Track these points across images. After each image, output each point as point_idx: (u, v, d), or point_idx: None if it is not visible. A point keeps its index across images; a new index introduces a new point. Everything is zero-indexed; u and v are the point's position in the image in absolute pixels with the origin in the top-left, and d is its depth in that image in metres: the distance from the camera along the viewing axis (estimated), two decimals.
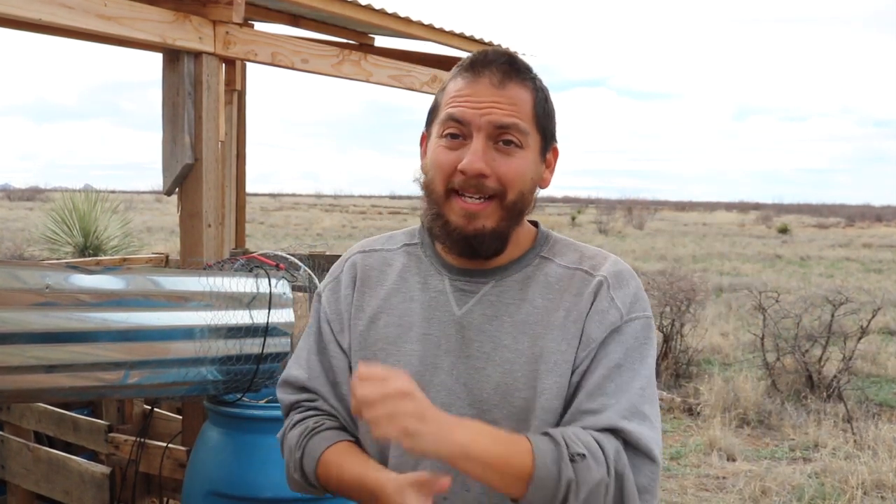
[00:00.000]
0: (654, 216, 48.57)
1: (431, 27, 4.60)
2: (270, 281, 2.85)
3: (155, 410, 3.59)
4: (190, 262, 3.20)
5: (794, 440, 6.35)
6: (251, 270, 2.88)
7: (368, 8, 4.17)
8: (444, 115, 1.42)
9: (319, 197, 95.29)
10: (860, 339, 7.71)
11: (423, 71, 4.50)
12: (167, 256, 5.96)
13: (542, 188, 1.48)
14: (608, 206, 51.22)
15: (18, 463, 3.44)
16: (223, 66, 4.24)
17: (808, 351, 7.60)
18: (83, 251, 9.95)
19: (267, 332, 2.81)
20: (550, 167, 1.50)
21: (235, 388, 2.82)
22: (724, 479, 5.54)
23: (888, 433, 6.30)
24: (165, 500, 3.45)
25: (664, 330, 8.20)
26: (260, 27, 4.87)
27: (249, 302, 2.79)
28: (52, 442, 3.81)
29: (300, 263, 3.09)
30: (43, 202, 35.52)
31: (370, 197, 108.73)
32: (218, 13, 3.21)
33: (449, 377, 1.41)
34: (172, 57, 3.19)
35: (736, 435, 6.40)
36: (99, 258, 7.44)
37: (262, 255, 3.04)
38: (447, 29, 4.71)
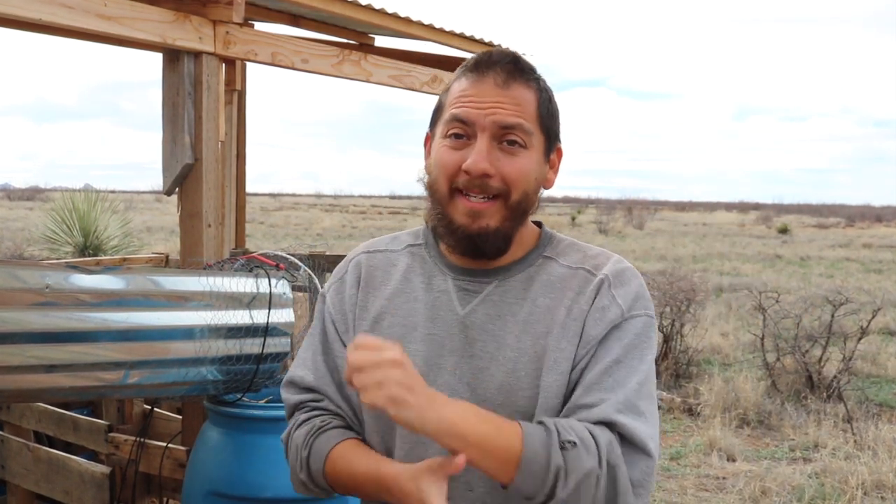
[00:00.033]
0: (654, 216, 48.58)
1: (431, 27, 4.60)
2: (270, 281, 2.85)
3: (155, 410, 3.59)
4: (190, 262, 3.20)
5: (794, 440, 6.35)
6: (251, 270, 2.88)
7: (368, 8, 4.17)
8: (448, 115, 1.42)
9: (319, 197, 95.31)
10: (860, 339, 7.71)
11: (423, 71, 4.50)
12: (167, 256, 5.96)
13: (545, 189, 1.48)
14: (608, 206, 51.25)
15: (18, 463, 3.44)
16: (223, 66, 4.24)
17: (808, 351, 7.61)
18: (83, 251, 9.95)
19: (267, 332, 2.80)
20: (554, 168, 1.50)
21: (235, 388, 2.82)
22: (724, 479, 5.54)
23: (888, 433, 6.31)
24: (165, 500, 3.45)
25: (664, 330, 8.20)
26: (260, 27, 4.87)
27: (249, 302, 2.79)
28: (52, 442, 3.81)
29: (300, 263, 3.09)
30: (43, 202, 35.52)
31: (370, 197, 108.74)
32: (218, 13, 3.21)
33: (452, 377, 1.41)
34: (172, 57, 3.19)
35: (736, 435, 6.40)
36: (99, 258, 7.44)
37: (262, 255, 3.04)
38: (447, 29, 4.71)
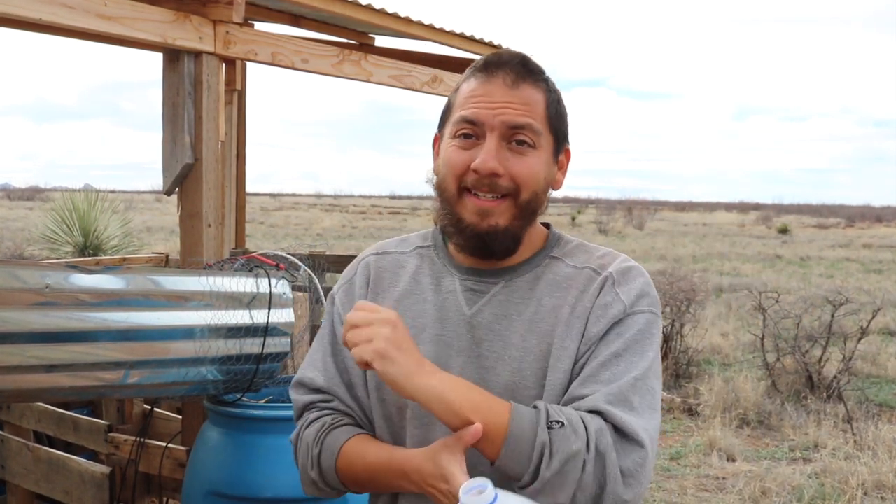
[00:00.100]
0: (654, 216, 48.57)
1: (431, 27, 4.60)
2: (270, 281, 2.85)
3: (155, 410, 3.59)
4: (190, 262, 3.20)
5: (794, 441, 6.36)
6: (251, 270, 2.87)
7: (368, 8, 4.17)
8: (457, 116, 1.42)
9: (319, 197, 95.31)
10: (860, 339, 7.71)
11: (423, 71, 4.50)
12: (167, 256, 5.97)
13: (554, 189, 1.48)
14: (608, 206, 51.26)
15: (18, 463, 3.44)
16: (223, 65, 4.24)
17: (808, 351, 7.61)
18: (83, 251, 9.95)
19: (267, 332, 2.80)
20: (563, 168, 1.50)
21: (235, 388, 2.81)
22: (724, 479, 5.54)
23: (888, 434, 6.31)
24: (165, 500, 3.45)
25: (664, 330, 8.20)
26: (260, 27, 4.87)
27: (249, 302, 2.79)
28: (52, 442, 3.81)
29: (300, 263, 3.09)
30: (43, 202, 35.53)
31: (370, 197, 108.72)
32: (218, 13, 3.21)
33: (460, 377, 1.41)
34: (172, 57, 3.19)
35: (736, 435, 6.41)
36: (99, 258, 7.44)
37: (262, 255, 3.04)
38: (447, 29, 4.71)
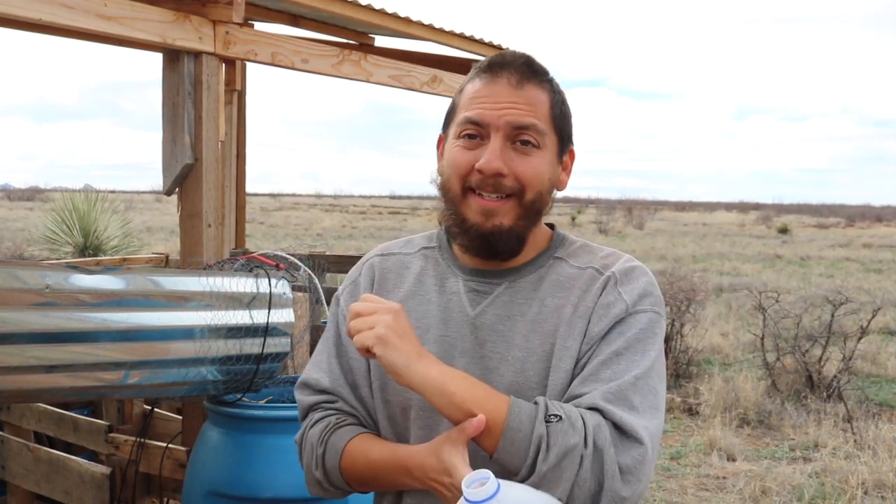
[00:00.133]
0: (654, 216, 48.57)
1: (431, 27, 4.60)
2: (270, 281, 2.85)
3: (155, 410, 3.59)
4: (190, 262, 3.20)
5: (794, 440, 6.35)
6: (251, 270, 2.87)
7: (368, 8, 4.17)
8: (461, 117, 1.42)
9: (319, 197, 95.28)
10: (860, 339, 7.71)
11: (423, 71, 4.50)
12: (167, 256, 5.97)
13: (559, 190, 1.49)
14: (608, 206, 51.23)
15: (18, 463, 3.44)
16: (223, 66, 4.24)
17: (808, 351, 7.60)
18: (83, 251, 9.95)
19: (267, 332, 2.80)
20: (567, 169, 1.50)
21: (235, 388, 2.81)
22: (724, 479, 5.54)
23: (888, 433, 6.31)
24: (165, 500, 3.45)
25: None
26: (260, 27, 4.87)
27: (249, 302, 2.79)
28: (52, 442, 3.81)
29: (300, 263, 3.09)
30: (43, 202, 35.53)
31: (370, 197, 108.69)
32: (218, 13, 3.21)
33: None
34: (172, 57, 3.19)
35: (736, 435, 6.40)
36: (99, 258, 7.45)
37: (262, 255, 3.04)
38: (447, 29, 4.71)
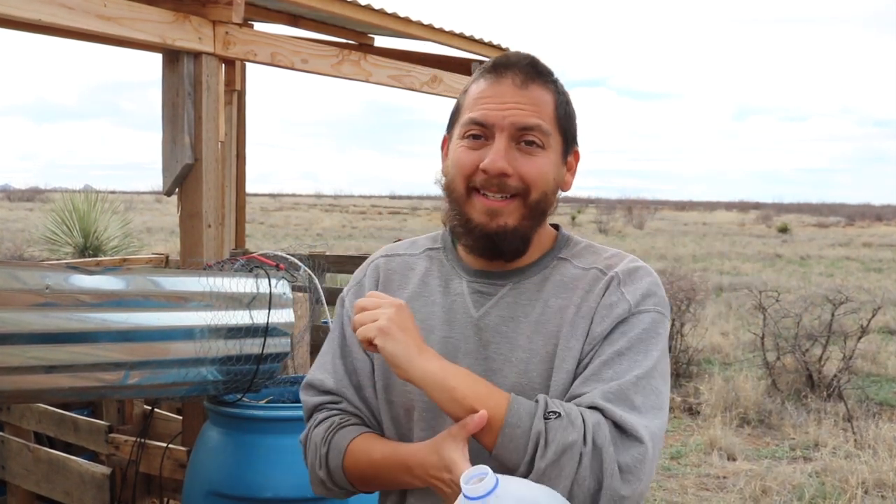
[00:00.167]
0: (654, 216, 48.57)
1: (431, 27, 4.60)
2: (270, 281, 2.84)
3: (155, 411, 3.59)
4: (190, 262, 3.20)
5: (794, 439, 6.35)
6: (251, 270, 2.87)
7: (368, 8, 4.17)
8: (465, 117, 1.42)
9: (319, 197, 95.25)
10: (860, 338, 7.71)
11: (423, 71, 4.50)
12: (167, 257, 5.97)
13: (563, 191, 1.48)
14: (608, 206, 51.23)
15: (18, 463, 3.44)
16: (223, 66, 4.24)
17: (808, 350, 7.60)
18: (83, 251, 9.95)
19: (267, 332, 2.80)
20: (572, 170, 1.50)
21: (235, 388, 2.81)
22: (724, 478, 5.54)
23: (888, 432, 6.31)
24: (166, 500, 3.45)
25: None
26: (260, 27, 4.87)
27: (249, 302, 2.79)
28: (52, 442, 3.81)
29: (300, 263, 3.09)
30: (43, 202, 35.53)
31: (370, 197, 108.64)
32: (218, 13, 3.21)
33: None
34: (172, 57, 3.19)
35: (736, 434, 6.40)
36: (99, 258, 7.45)
37: (262, 255, 3.04)
38: (447, 29, 4.71)
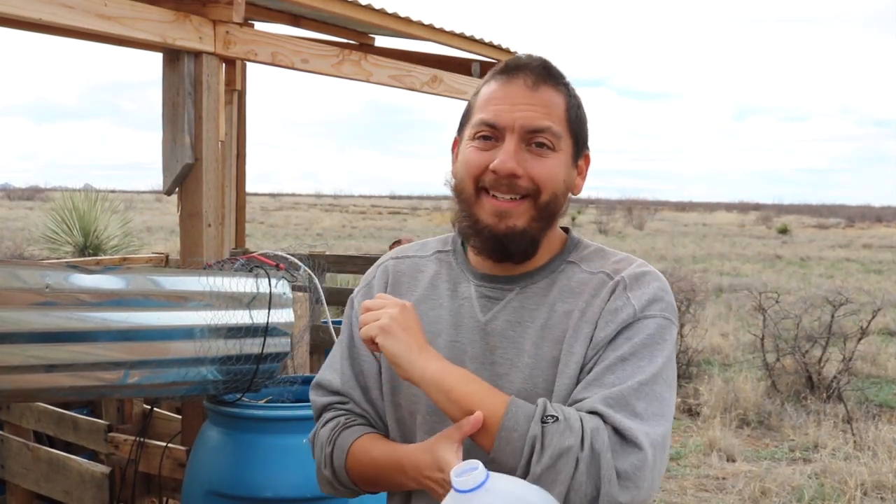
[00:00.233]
0: (654, 216, 48.55)
1: (431, 27, 4.60)
2: (270, 281, 2.85)
3: (155, 410, 3.59)
4: (190, 262, 3.20)
5: (793, 441, 6.35)
6: (251, 270, 2.87)
7: (368, 8, 4.17)
8: (476, 118, 1.42)
9: (319, 197, 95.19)
10: (860, 339, 7.71)
11: (423, 71, 4.50)
12: (167, 256, 5.97)
13: (574, 194, 1.47)
14: (608, 206, 51.19)
15: (18, 462, 3.44)
16: (223, 65, 4.24)
17: (807, 352, 7.60)
18: (83, 251, 9.95)
19: (267, 332, 2.80)
20: (582, 174, 1.49)
21: (235, 387, 2.82)
22: (723, 479, 5.54)
23: (888, 434, 6.31)
24: (165, 499, 3.45)
25: None
26: (260, 27, 4.87)
27: (249, 302, 2.79)
28: (51, 441, 3.81)
29: (300, 263, 3.09)
30: (43, 202, 35.51)
31: (370, 197, 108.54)
32: (218, 13, 3.21)
33: None
34: (172, 57, 3.19)
35: (736, 435, 6.40)
36: (99, 258, 7.45)
37: (262, 255, 3.04)
38: (447, 29, 4.71)
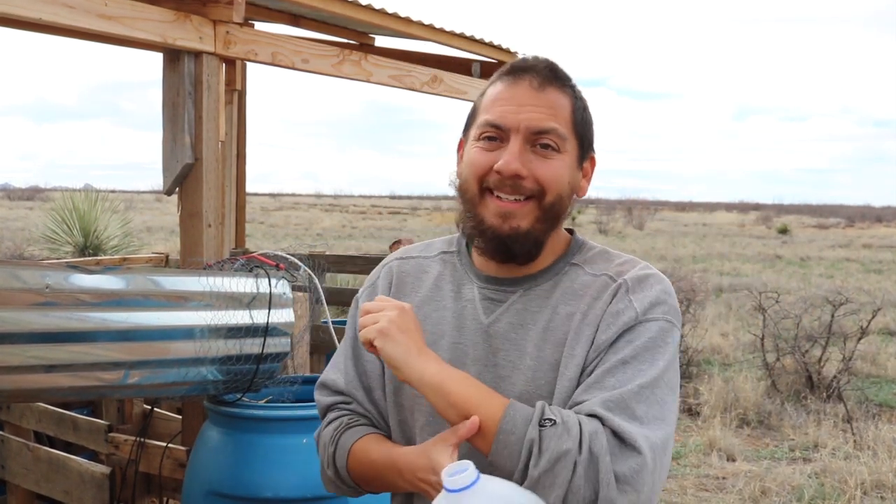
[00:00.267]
0: (654, 216, 48.55)
1: (431, 27, 4.60)
2: (270, 281, 2.85)
3: (155, 410, 3.59)
4: (190, 262, 3.20)
5: (793, 440, 6.35)
6: (251, 270, 2.87)
7: (368, 8, 4.17)
8: (481, 119, 1.42)
9: (319, 197, 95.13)
10: (860, 339, 7.71)
11: (423, 71, 4.50)
12: (167, 256, 5.97)
13: (578, 196, 1.47)
14: (608, 206, 51.15)
15: (18, 463, 3.44)
16: (223, 65, 4.24)
17: (807, 351, 7.60)
18: (83, 251, 9.95)
19: (267, 332, 2.80)
20: (587, 176, 1.49)
21: (235, 388, 2.82)
22: (723, 479, 5.54)
23: (888, 433, 6.31)
24: (165, 499, 3.45)
25: None
26: (260, 27, 4.87)
27: (249, 302, 2.79)
28: (52, 442, 3.81)
29: (300, 263, 3.09)
30: (43, 202, 35.51)
31: (370, 197, 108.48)
32: (218, 13, 3.21)
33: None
34: (173, 57, 3.19)
35: (736, 435, 6.40)
36: (99, 258, 7.45)
37: (262, 255, 3.04)
38: (447, 29, 4.71)
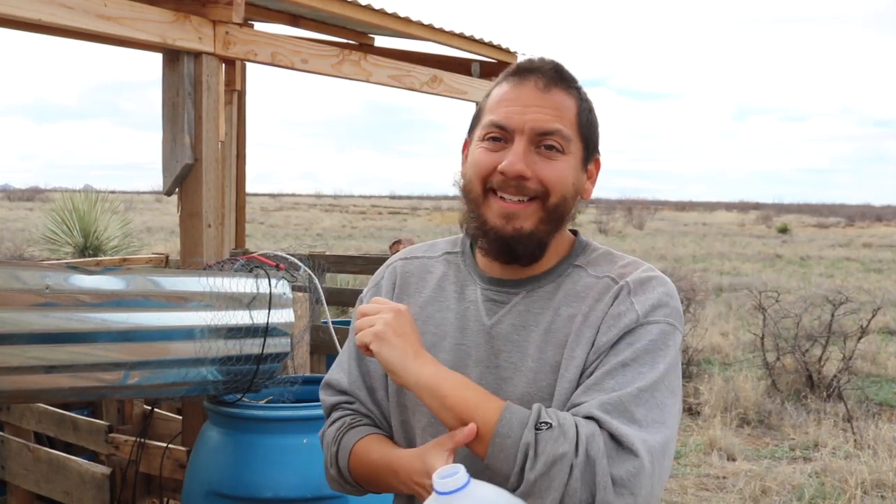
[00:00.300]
0: (654, 216, 48.56)
1: (431, 27, 4.60)
2: (270, 281, 2.84)
3: (155, 411, 3.59)
4: (190, 262, 3.20)
5: (794, 440, 6.36)
6: (251, 270, 2.87)
7: (368, 8, 4.17)
8: (486, 120, 1.42)
9: (319, 197, 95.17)
10: (860, 338, 7.71)
11: (423, 71, 4.50)
12: (167, 256, 5.97)
13: (583, 198, 1.46)
14: (608, 206, 51.11)
15: (18, 463, 3.44)
16: (223, 66, 4.24)
17: (808, 351, 7.60)
18: (83, 251, 9.95)
19: (267, 332, 2.80)
20: (592, 178, 1.48)
21: (235, 388, 2.81)
22: (724, 478, 5.54)
23: (888, 433, 6.31)
24: (165, 500, 3.45)
25: None
26: (260, 27, 4.87)
27: (249, 302, 2.79)
28: (52, 442, 3.81)
29: (300, 263, 3.09)
30: (43, 202, 35.51)
31: (370, 197, 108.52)
32: (218, 13, 3.21)
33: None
34: (172, 57, 3.19)
35: (736, 434, 6.41)
36: (99, 258, 7.44)
37: (262, 255, 3.04)
38: (447, 29, 4.71)
